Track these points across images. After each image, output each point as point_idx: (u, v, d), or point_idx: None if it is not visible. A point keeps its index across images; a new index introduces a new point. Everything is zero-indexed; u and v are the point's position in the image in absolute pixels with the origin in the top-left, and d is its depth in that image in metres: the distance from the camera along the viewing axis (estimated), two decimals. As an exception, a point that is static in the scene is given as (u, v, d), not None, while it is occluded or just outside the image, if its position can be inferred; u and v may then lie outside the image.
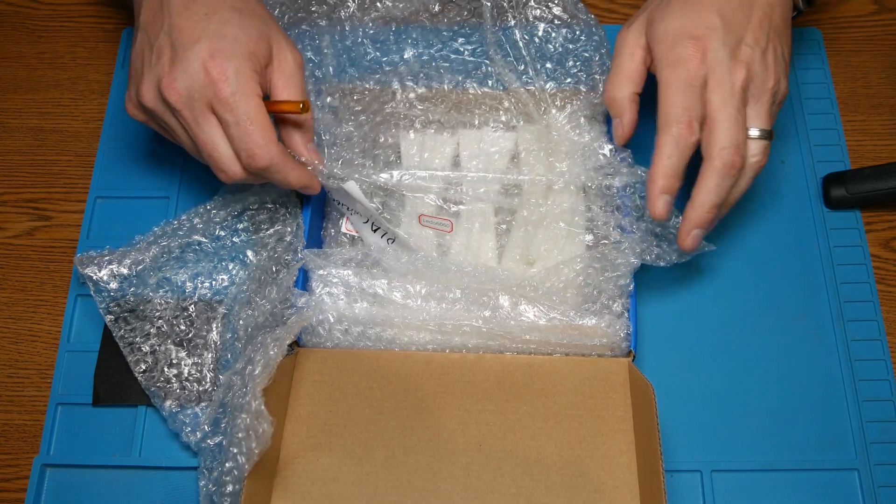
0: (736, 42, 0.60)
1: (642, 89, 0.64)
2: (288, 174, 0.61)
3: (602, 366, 0.64)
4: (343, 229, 0.71)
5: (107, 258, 0.68)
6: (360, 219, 0.69)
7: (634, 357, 0.64)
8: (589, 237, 0.69)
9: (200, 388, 0.66)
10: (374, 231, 0.68)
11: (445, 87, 0.75)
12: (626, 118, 0.65)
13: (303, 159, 0.64)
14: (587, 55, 0.75)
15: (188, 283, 0.70)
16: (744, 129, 0.60)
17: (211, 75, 0.57)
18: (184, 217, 0.70)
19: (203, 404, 0.66)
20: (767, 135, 0.60)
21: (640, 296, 0.70)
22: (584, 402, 0.63)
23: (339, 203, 0.70)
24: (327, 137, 0.71)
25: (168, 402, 0.66)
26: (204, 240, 0.70)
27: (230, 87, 0.57)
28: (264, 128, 0.58)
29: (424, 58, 0.76)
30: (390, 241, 0.68)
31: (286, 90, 0.61)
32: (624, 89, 0.64)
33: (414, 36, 0.76)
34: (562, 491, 0.60)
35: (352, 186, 0.66)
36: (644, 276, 0.65)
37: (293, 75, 0.62)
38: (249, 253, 0.71)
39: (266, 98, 0.60)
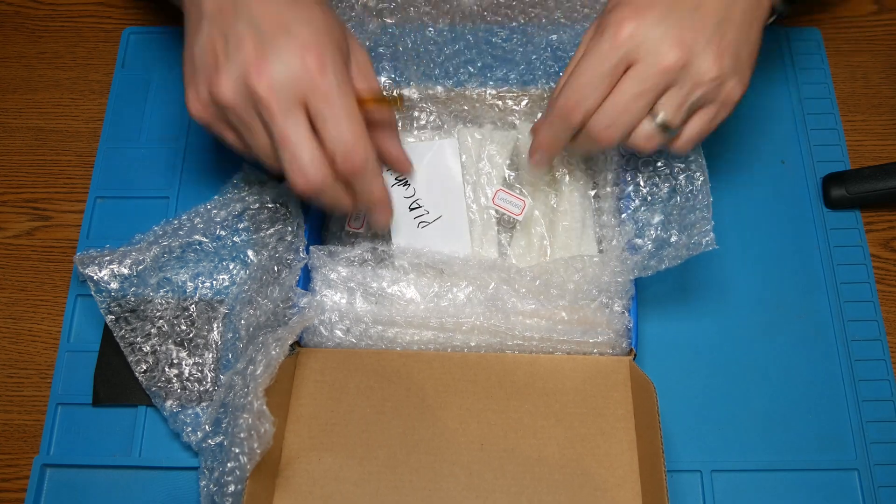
0: (677, 22, 0.55)
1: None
2: (375, 183, 0.58)
3: (603, 364, 0.64)
4: (347, 227, 0.70)
5: (107, 258, 0.68)
6: (404, 192, 0.68)
7: (636, 356, 0.64)
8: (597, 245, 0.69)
9: (201, 388, 0.66)
10: (411, 210, 0.68)
11: (446, 87, 0.75)
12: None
13: (396, 161, 0.63)
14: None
15: (189, 283, 0.70)
16: (634, 114, 0.56)
17: (309, 65, 0.52)
18: (184, 217, 0.70)
19: (204, 404, 0.66)
20: (664, 129, 0.57)
21: (641, 295, 0.70)
22: (585, 401, 0.63)
23: (390, 169, 0.69)
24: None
25: (169, 402, 0.66)
26: (204, 240, 0.70)
27: (329, 80, 0.53)
28: (362, 126, 0.54)
29: (426, 55, 0.75)
30: (422, 226, 0.68)
31: (365, 85, 0.58)
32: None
33: (415, 35, 0.76)
34: (563, 489, 0.60)
35: (452, 145, 0.65)
36: (644, 276, 0.65)
37: (369, 72, 0.59)
38: (250, 252, 0.71)
39: None
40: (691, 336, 0.70)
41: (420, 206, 0.68)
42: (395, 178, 0.68)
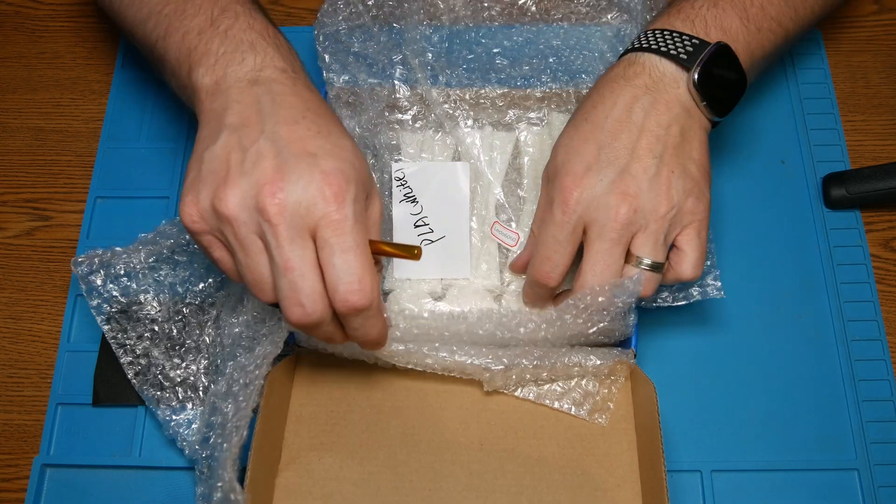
0: (618, 173, 0.57)
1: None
2: (376, 323, 0.54)
3: (604, 364, 0.64)
4: None
5: (99, 259, 0.67)
6: (411, 208, 0.69)
7: (636, 356, 0.63)
8: None
9: (193, 394, 0.66)
10: (416, 227, 0.68)
11: (447, 86, 0.74)
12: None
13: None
14: (595, 55, 0.75)
15: (180, 286, 0.69)
16: (613, 265, 0.58)
17: (327, 194, 0.50)
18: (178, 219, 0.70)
19: (197, 410, 0.65)
20: (654, 266, 0.58)
21: (641, 295, 0.70)
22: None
23: (400, 185, 0.69)
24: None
25: (162, 407, 0.65)
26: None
27: (345, 212, 0.50)
28: (371, 264, 0.51)
29: (428, 56, 0.75)
30: (425, 244, 0.68)
31: (373, 236, 0.56)
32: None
33: (415, 35, 0.76)
34: (563, 490, 0.61)
35: (464, 168, 0.65)
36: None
37: (377, 224, 0.57)
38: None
39: None
40: (691, 336, 0.70)
41: (426, 224, 0.68)
42: (404, 195, 0.69)
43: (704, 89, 0.59)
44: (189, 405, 0.66)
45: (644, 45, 0.61)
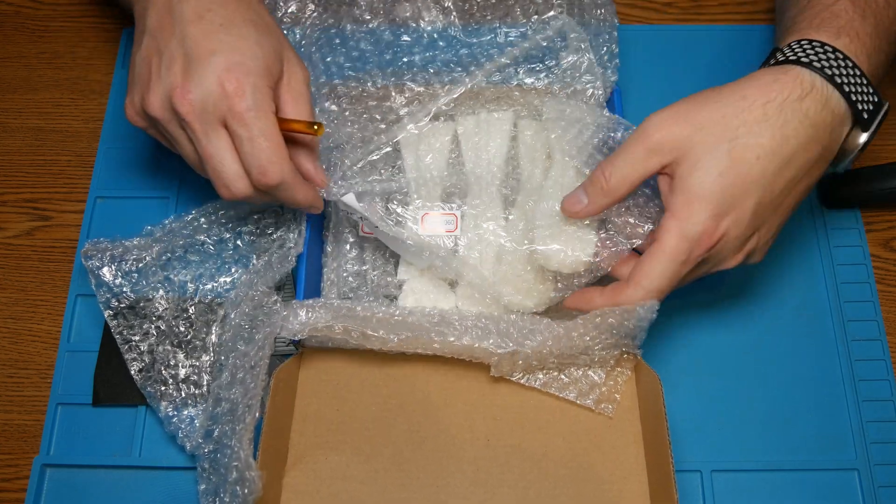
0: (751, 233, 0.57)
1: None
2: (296, 192, 0.60)
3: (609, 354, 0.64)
4: (360, 232, 0.70)
5: (110, 252, 0.67)
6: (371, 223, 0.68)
7: (639, 347, 0.63)
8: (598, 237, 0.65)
9: (197, 392, 0.66)
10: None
11: (445, 84, 0.74)
12: (592, 208, 0.60)
13: (310, 178, 0.63)
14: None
15: (190, 284, 0.69)
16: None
17: (227, 89, 0.55)
18: (191, 215, 0.70)
19: (200, 407, 0.65)
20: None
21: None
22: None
23: (348, 214, 0.69)
24: (330, 143, 0.70)
25: (164, 404, 0.65)
26: (208, 240, 0.70)
27: (246, 103, 0.56)
28: (278, 145, 0.57)
29: (427, 55, 0.75)
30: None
31: (296, 107, 0.61)
32: (617, 188, 0.58)
33: (413, 35, 0.76)
34: (570, 483, 0.61)
35: (350, 199, 0.65)
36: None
37: (302, 92, 0.61)
38: (253, 258, 0.70)
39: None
40: (691, 336, 0.70)
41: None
42: (361, 217, 0.67)
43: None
44: (191, 402, 0.65)
45: (836, 77, 0.55)
